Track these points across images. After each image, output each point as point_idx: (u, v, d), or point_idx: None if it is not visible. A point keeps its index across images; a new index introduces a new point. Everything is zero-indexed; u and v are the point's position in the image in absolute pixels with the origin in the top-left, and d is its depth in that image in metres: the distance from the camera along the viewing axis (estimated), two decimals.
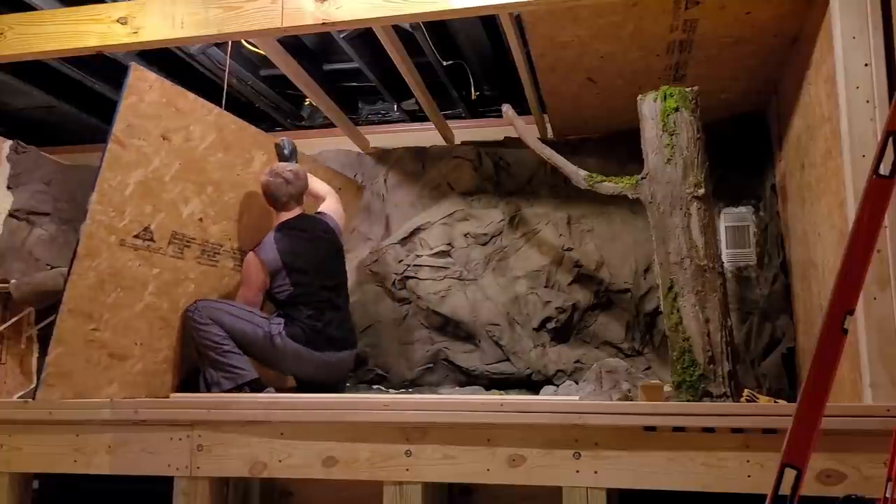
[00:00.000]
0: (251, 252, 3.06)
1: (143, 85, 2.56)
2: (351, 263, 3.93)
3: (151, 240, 2.62)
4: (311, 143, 4.06)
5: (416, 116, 4.15)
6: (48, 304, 3.71)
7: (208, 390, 2.89)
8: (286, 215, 3.14)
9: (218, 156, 2.92)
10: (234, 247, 3.15)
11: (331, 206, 3.34)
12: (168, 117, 2.65)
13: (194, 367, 2.97)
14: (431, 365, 3.73)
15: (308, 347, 2.98)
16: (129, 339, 2.66)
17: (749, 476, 1.99)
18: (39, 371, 4.06)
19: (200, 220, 2.90)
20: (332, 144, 4.17)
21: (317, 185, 3.36)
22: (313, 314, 3.02)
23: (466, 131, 4.05)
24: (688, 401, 2.35)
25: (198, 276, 2.96)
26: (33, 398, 2.43)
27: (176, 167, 2.72)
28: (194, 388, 2.92)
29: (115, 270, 2.56)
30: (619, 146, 3.35)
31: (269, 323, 2.98)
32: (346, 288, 3.29)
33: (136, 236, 2.58)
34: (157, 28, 2.73)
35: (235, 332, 2.91)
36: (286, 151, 3.24)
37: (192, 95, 2.76)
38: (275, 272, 3.02)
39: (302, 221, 3.17)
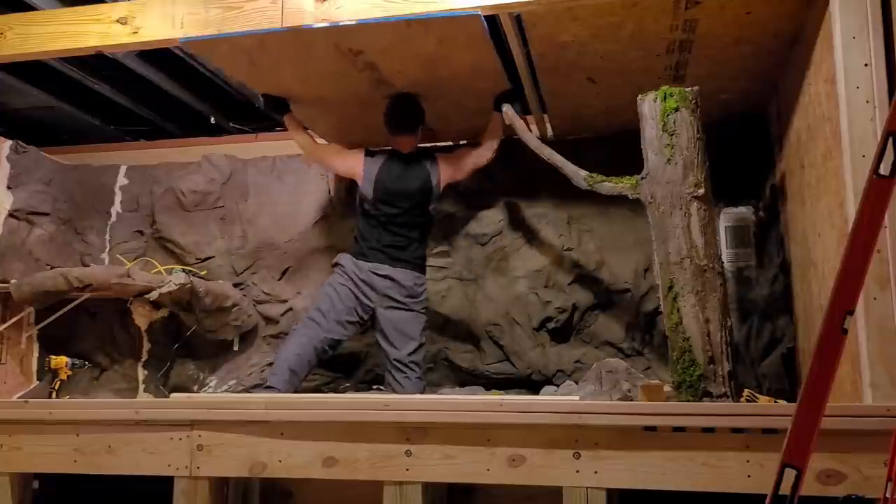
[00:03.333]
0: (365, 150, 3.45)
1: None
2: None
3: (359, 53, 3.01)
4: None
5: None
6: (48, 304, 3.72)
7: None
8: (399, 142, 3.39)
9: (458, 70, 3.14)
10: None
11: (457, 159, 3.48)
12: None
13: None
14: (431, 365, 3.72)
15: (358, 258, 3.33)
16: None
17: (749, 476, 1.99)
18: (40, 371, 4.09)
19: (400, 72, 3.19)
20: None
21: (492, 132, 3.44)
22: (377, 234, 3.35)
23: None
24: (688, 401, 2.35)
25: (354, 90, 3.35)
26: None
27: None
28: None
29: (327, 69, 3.14)
30: (619, 146, 3.34)
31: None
32: (422, 230, 3.44)
33: (351, 50, 2.98)
34: (157, 28, 2.73)
35: (328, 295, 3.31)
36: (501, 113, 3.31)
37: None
38: (365, 190, 3.36)
39: (407, 165, 3.39)
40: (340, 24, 2.74)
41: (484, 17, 2.64)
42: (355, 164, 3.41)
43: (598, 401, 2.37)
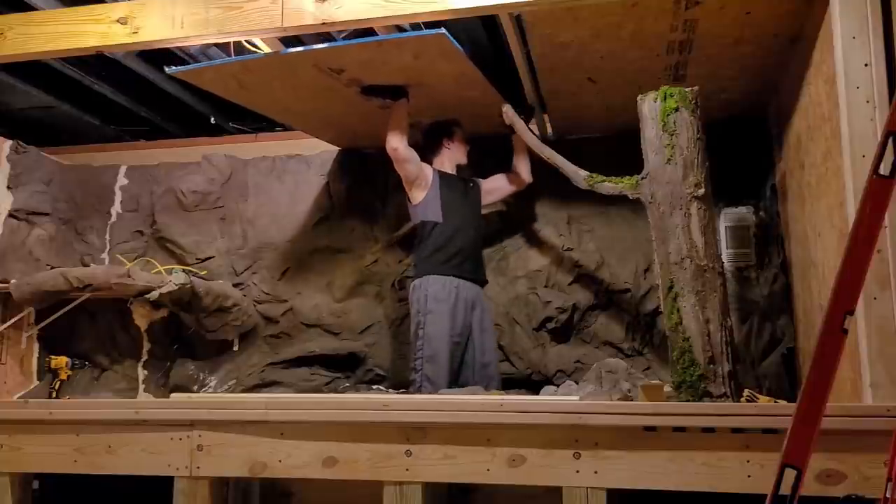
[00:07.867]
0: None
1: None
2: (352, 264, 3.93)
3: (341, 71, 3.09)
4: (311, 143, 4.07)
5: None
6: (48, 304, 3.72)
7: None
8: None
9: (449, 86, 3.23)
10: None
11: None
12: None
13: None
14: None
15: None
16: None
17: (749, 476, 1.99)
18: (40, 371, 4.09)
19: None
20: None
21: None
22: None
23: None
24: (688, 401, 2.35)
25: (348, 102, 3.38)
26: None
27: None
28: None
29: (315, 85, 3.18)
30: (619, 146, 3.35)
31: None
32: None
33: (331, 69, 3.06)
34: (157, 28, 2.73)
35: None
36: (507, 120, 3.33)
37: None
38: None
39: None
40: (314, 48, 2.85)
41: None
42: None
43: (598, 401, 2.36)
